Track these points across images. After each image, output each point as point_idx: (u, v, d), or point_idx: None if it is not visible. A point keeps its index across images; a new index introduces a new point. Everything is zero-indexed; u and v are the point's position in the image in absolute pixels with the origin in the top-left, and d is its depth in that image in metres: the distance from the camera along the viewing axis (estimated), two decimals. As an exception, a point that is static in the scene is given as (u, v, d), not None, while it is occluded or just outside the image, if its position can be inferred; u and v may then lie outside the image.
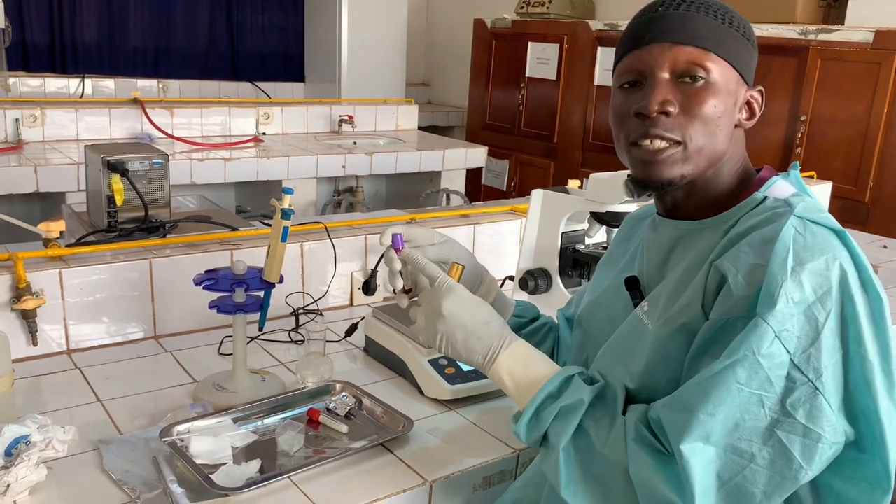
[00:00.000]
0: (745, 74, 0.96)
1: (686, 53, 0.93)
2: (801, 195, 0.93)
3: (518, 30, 4.55)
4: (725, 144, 0.96)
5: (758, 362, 0.81)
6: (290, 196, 1.31)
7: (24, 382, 1.38)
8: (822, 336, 0.82)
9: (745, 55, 0.96)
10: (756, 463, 0.81)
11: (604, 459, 0.89)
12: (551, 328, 1.26)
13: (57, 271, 1.50)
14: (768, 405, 0.81)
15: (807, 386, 0.81)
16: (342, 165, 3.55)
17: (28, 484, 1.04)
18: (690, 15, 0.94)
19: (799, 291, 0.81)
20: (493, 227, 2.07)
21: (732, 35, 0.95)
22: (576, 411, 0.92)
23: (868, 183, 3.11)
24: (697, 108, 0.92)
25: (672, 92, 0.93)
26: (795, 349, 0.81)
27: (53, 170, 2.90)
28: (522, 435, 0.95)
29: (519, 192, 4.51)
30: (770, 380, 0.81)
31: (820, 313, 0.82)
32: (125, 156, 1.74)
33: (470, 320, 1.00)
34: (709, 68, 0.93)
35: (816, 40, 3.21)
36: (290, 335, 1.65)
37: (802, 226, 0.86)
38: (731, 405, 0.81)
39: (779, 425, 0.81)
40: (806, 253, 0.83)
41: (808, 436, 0.81)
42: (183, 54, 4.89)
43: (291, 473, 1.12)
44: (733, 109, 0.95)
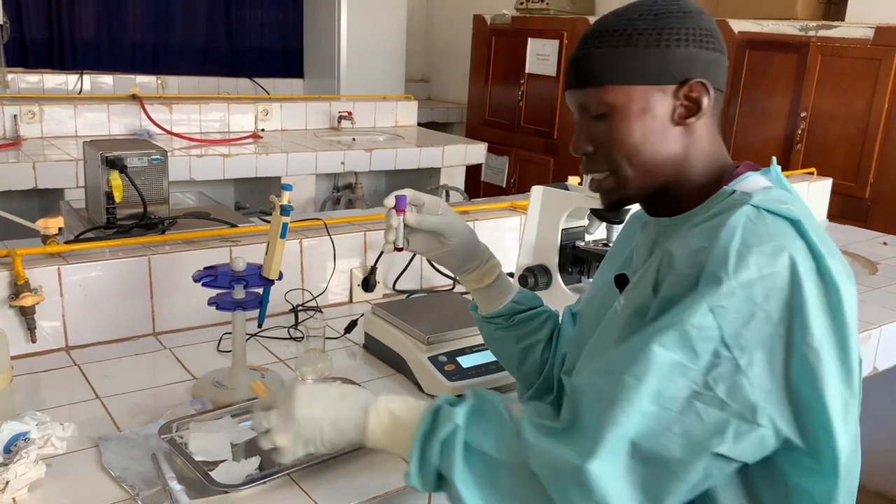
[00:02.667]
0: (662, 79, 0.94)
1: (584, 94, 0.98)
2: (771, 189, 0.92)
3: (518, 26, 4.54)
4: (669, 152, 0.96)
5: (685, 331, 0.82)
6: (290, 192, 1.31)
7: (22, 379, 1.38)
8: (757, 318, 0.82)
9: (657, 61, 0.94)
10: (672, 431, 0.82)
11: (503, 466, 0.89)
12: (549, 317, 1.25)
13: (56, 268, 1.50)
14: (691, 376, 0.82)
15: (731, 363, 0.82)
16: (341, 162, 3.55)
17: (27, 481, 1.04)
18: (586, 55, 0.97)
19: (741, 272, 0.82)
20: (493, 224, 2.07)
21: (631, 53, 0.94)
22: (455, 437, 0.92)
23: (868, 179, 3.11)
24: (611, 142, 0.97)
25: (588, 130, 0.99)
26: (728, 327, 0.82)
27: (52, 166, 2.90)
28: (418, 485, 0.95)
29: (518, 188, 4.51)
30: (696, 352, 0.82)
31: (759, 296, 0.82)
32: (124, 152, 1.74)
33: (328, 407, 1.00)
34: (608, 101, 0.96)
35: (817, 36, 3.20)
36: (290, 332, 1.65)
37: (756, 214, 0.86)
38: (657, 371, 0.83)
39: (698, 397, 0.82)
40: (753, 238, 0.84)
41: (725, 409, 0.82)
42: (182, 50, 4.88)
43: (291, 470, 1.11)
44: (659, 120, 0.95)
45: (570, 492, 0.83)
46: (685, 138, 0.97)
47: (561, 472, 0.84)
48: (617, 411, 0.83)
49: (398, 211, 1.13)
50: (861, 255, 2.37)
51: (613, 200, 1.01)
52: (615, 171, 0.98)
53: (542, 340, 1.24)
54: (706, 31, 0.95)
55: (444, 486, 0.93)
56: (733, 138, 3.55)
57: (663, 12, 0.95)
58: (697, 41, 0.94)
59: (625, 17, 0.96)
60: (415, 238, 1.16)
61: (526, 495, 0.87)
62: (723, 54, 0.97)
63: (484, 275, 1.21)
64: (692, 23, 0.94)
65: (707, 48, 0.95)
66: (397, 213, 1.13)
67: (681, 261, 0.86)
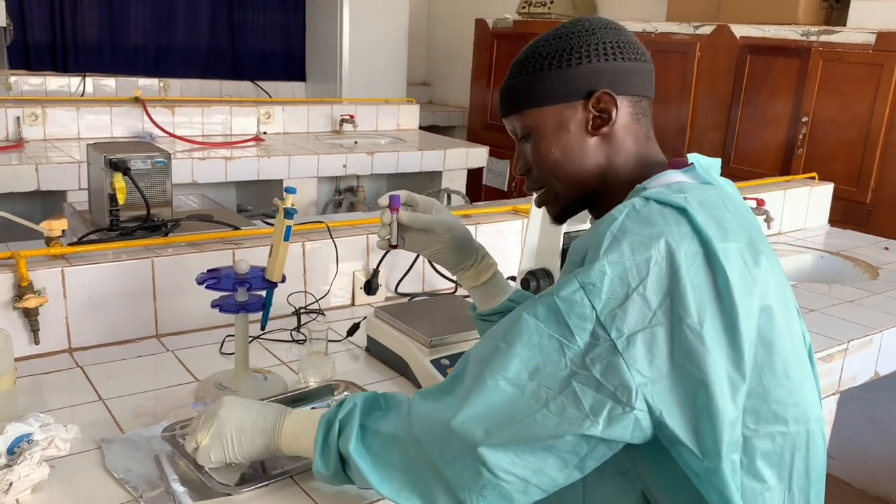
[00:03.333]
0: (569, 97, 1.01)
1: (510, 122, 1.08)
2: (679, 184, 0.95)
3: (520, 30, 4.55)
4: (591, 162, 1.02)
5: (556, 304, 0.86)
6: (293, 195, 1.31)
7: (26, 381, 1.38)
8: (632, 300, 0.84)
9: (561, 80, 1.00)
10: (549, 409, 0.85)
11: (395, 439, 0.94)
12: None
13: (59, 270, 1.50)
14: (569, 356, 0.85)
15: (608, 344, 0.84)
16: (343, 165, 3.55)
17: (30, 482, 1.04)
18: (505, 86, 1.06)
19: (612, 253, 0.85)
20: (495, 228, 2.07)
21: (538, 78, 1.01)
22: (352, 415, 0.98)
23: (869, 184, 3.11)
24: (537, 161, 1.05)
25: (521, 153, 1.07)
26: (602, 307, 0.84)
27: (54, 168, 2.90)
28: (321, 468, 1.00)
29: (520, 192, 4.51)
30: (570, 329, 0.85)
31: (634, 279, 0.84)
32: (127, 154, 1.74)
33: (247, 415, 1.07)
34: (525, 125, 1.04)
35: (818, 41, 3.21)
36: (292, 335, 1.65)
37: (642, 204, 0.89)
38: (529, 342, 0.86)
39: (576, 377, 0.85)
40: (633, 225, 0.87)
41: (600, 390, 0.84)
42: (184, 53, 4.89)
43: (293, 472, 1.12)
44: (574, 134, 1.01)
45: (443, 451, 0.88)
46: (605, 147, 1.02)
47: (435, 431, 0.89)
48: (485, 372, 0.88)
49: (392, 210, 1.17)
50: (862, 260, 2.38)
51: (554, 213, 1.09)
52: (547, 187, 1.06)
53: None
54: (612, 43, 1.00)
55: (347, 469, 0.98)
56: (734, 143, 3.55)
57: (565, 34, 1.02)
58: (602, 55, 1.00)
59: (533, 46, 1.04)
60: (409, 236, 1.21)
61: (413, 464, 0.92)
62: (638, 62, 1.02)
63: (480, 272, 1.24)
64: (595, 39, 1.00)
65: (614, 59, 1.00)
66: (391, 211, 1.18)
67: (572, 250, 0.91)
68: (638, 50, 1.03)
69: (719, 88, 3.56)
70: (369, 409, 1.00)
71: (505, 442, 0.85)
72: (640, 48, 1.04)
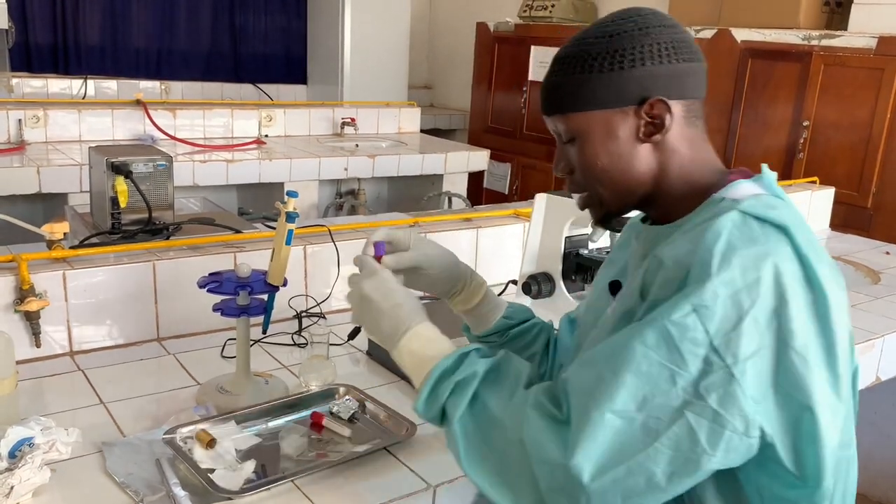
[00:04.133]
0: (620, 102, 0.95)
1: (552, 121, 1.01)
2: (761, 196, 0.91)
3: (521, 33, 4.56)
4: (642, 169, 0.97)
5: (667, 329, 0.81)
6: (295, 199, 1.31)
7: (27, 384, 1.38)
8: (745, 323, 0.80)
9: (612, 85, 0.94)
10: (661, 442, 0.80)
11: (501, 427, 0.89)
12: (542, 330, 1.26)
13: (61, 273, 1.50)
14: (681, 385, 0.80)
15: (723, 371, 0.80)
16: (344, 168, 3.55)
17: (32, 486, 1.04)
18: (549, 82, 0.99)
19: (726, 275, 0.81)
20: (496, 231, 2.07)
21: (586, 80, 0.95)
22: (470, 382, 0.93)
23: (871, 189, 3.11)
24: (582, 166, 0.99)
25: (564, 154, 1.02)
26: (716, 331, 0.80)
27: (56, 171, 2.90)
28: (421, 411, 0.96)
29: (521, 195, 4.51)
30: (683, 355, 0.80)
31: (745, 301, 0.81)
32: (129, 157, 1.74)
33: (384, 302, 1.03)
34: (569, 128, 0.98)
35: (819, 46, 3.21)
36: (294, 338, 1.65)
37: (741, 219, 0.86)
38: (637, 370, 0.81)
39: (689, 406, 0.80)
40: (739, 242, 0.83)
41: (717, 421, 0.80)
42: (185, 56, 4.89)
43: (294, 477, 1.12)
44: (623, 141, 0.96)
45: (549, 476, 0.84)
46: (656, 153, 0.97)
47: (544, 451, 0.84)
48: (591, 405, 0.82)
49: (377, 259, 1.12)
50: (863, 265, 2.38)
51: (599, 217, 1.04)
52: (592, 192, 1.01)
53: (538, 353, 1.24)
54: (666, 44, 0.94)
55: (444, 422, 0.95)
56: (735, 147, 3.55)
57: (617, 32, 0.95)
58: (655, 57, 0.94)
59: (581, 42, 0.97)
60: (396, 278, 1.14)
61: (512, 462, 0.88)
62: (692, 62, 0.96)
63: (471, 295, 1.22)
64: (649, 40, 0.94)
65: (668, 62, 0.94)
66: (377, 260, 1.12)
67: (668, 265, 0.86)
68: (692, 48, 0.97)
69: (720, 92, 3.56)
70: (489, 376, 0.94)
71: (615, 481, 0.81)
72: (694, 46, 0.97)
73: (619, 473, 0.81)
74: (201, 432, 1.16)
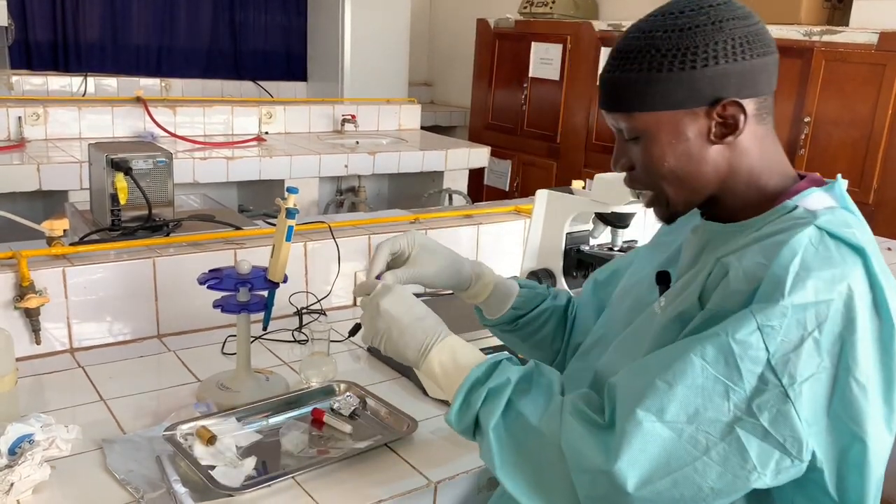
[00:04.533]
0: (691, 103, 0.89)
1: (615, 118, 0.95)
2: (834, 209, 0.88)
3: (521, 30, 4.55)
4: (710, 169, 0.92)
5: (730, 346, 0.79)
6: (295, 195, 1.31)
7: (27, 381, 1.38)
8: (806, 344, 0.79)
9: (683, 85, 0.88)
10: (709, 456, 0.79)
11: (537, 435, 0.88)
12: (552, 313, 1.25)
13: (60, 270, 1.50)
14: (734, 400, 0.79)
15: (778, 390, 0.78)
16: (345, 165, 3.55)
17: (32, 483, 1.04)
18: (612, 77, 0.93)
19: (797, 295, 0.79)
20: (497, 228, 2.07)
21: (655, 78, 0.89)
22: (503, 390, 0.92)
23: (872, 185, 3.10)
24: (646, 166, 0.95)
25: (626, 151, 0.97)
26: (776, 350, 0.79)
27: (56, 168, 2.90)
28: (454, 422, 0.95)
29: (521, 192, 4.51)
30: (740, 372, 0.79)
31: (811, 322, 0.79)
32: (129, 154, 1.74)
33: (406, 317, 1.02)
34: (634, 127, 0.93)
35: (821, 41, 3.20)
36: (294, 335, 1.65)
37: (818, 237, 0.83)
38: (692, 384, 0.80)
39: (740, 423, 0.79)
40: (814, 262, 0.81)
41: (768, 440, 0.79)
42: (185, 53, 4.89)
43: (295, 473, 1.11)
44: (693, 142, 0.91)
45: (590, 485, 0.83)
46: (727, 153, 0.92)
47: (585, 459, 0.83)
48: (640, 413, 0.80)
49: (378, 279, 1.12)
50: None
51: (665, 216, 0.99)
52: (656, 192, 0.96)
53: (548, 336, 1.24)
54: (741, 39, 0.88)
55: (477, 434, 0.94)
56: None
57: (688, 26, 0.88)
58: (730, 55, 0.87)
59: (648, 35, 0.90)
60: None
61: (550, 472, 0.87)
62: (766, 56, 0.90)
63: (478, 293, 1.22)
64: (723, 35, 0.87)
65: (742, 59, 0.88)
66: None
67: (736, 275, 0.83)
68: (766, 41, 0.90)
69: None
70: (521, 384, 0.93)
71: (660, 492, 0.80)
72: (768, 37, 0.91)
73: (664, 485, 0.80)
74: (202, 429, 1.16)
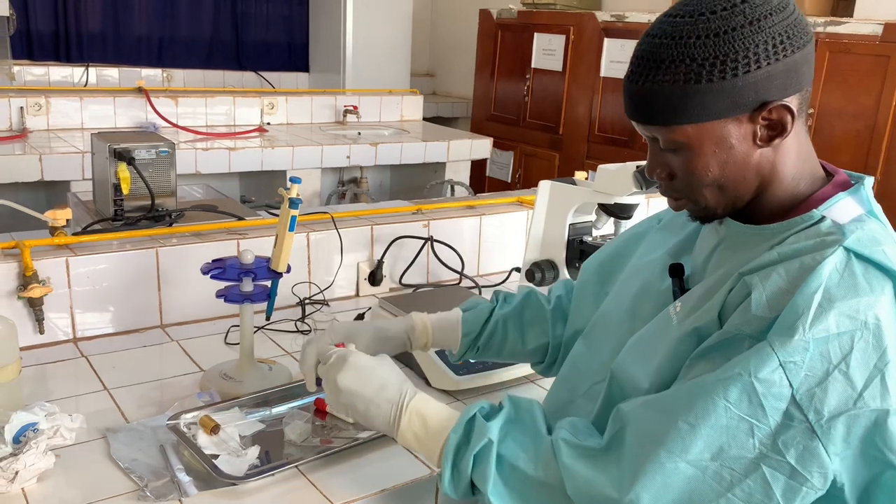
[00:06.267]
0: (734, 112, 0.84)
1: (652, 130, 0.90)
2: (863, 220, 0.85)
3: (524, 20, 4.53)
4: (754, 173, 0.88)
5: (753, 386, 0.77)
6: (298, 185, 1.31)
7: (30, 370, 1.38)
8: (833, 378, 0.77)
9: (724, 94, 0.83)
10: (734, 493, 0.78)
11: (539, 485, 0.87)
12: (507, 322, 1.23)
13: (64, 259, 1.50)
14: (759, 437, 0.78)
15: (805, 426, 0.77)
16: (347, 156, 3.55)
17: (36, 471, 1.04)
18: (644, 89, 0.86)
19: (817, 326, 0.77)
20: (499, 219, 2.07)
21: (689, 91, 0.83)
22: (488, 452, 0.89)
23: (875, 176, 3.10)
24: (688, 176, 0.89)
25: (662, 160, 0.92)
26: (799, 385, 0.77)
27: (58, 158, 2.90)
28: (451, 493, 0.93)
29: (524, 183, 4.50)
30: (764, 409, 0.77)
31: (835, 354, 0.77)
32: (132, 144, 1.74)
33: (366, 389, 0.99)
34: (672, 139, 0.87)
35: (825, 32, 3.19)
36: (297, 325, 1.65)
37: (845, 261, 0.80)
38: (715, 423, 0.78)
39: (766, 460, 0.78)
40: (839, 291, 0.78)
41: (795, 477, 0.77)
42: (187, 44, 4.88)
43: (298, 463, 1.12)
44: (738, 149, 0.86)
45: None
46: (772, 156, 0.88)
47: (597, 501, 0.82)
48: (662, 454, 0.79)
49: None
50: (868, 253, 2.36)
51: (698, 218, 0.95)
52: (696, 200, 0.92)
53: (518, 342, 1.23)
54: (782, 35, 0.82)
55: (477, 494, 0.92)
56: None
57: (724, 30, 0.81)
58: (772, 55, 0.82)
59: (681, 42, 0.82)
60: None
61: None
62: (806, 46, 0.85)
63: (424, 341, 1.23)
64: (763, 36, 0.81)
65: (784, 56, 0.82)
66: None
67: (759, 300, 0.81)
68: (804, 29, 0.84)
69: (724, 80, 3.53)
70: (505, 433, 0.91)
71: None
72: (805, 23, 0.85)
73: None
74: (205, 418, 1.16)
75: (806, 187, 0.90)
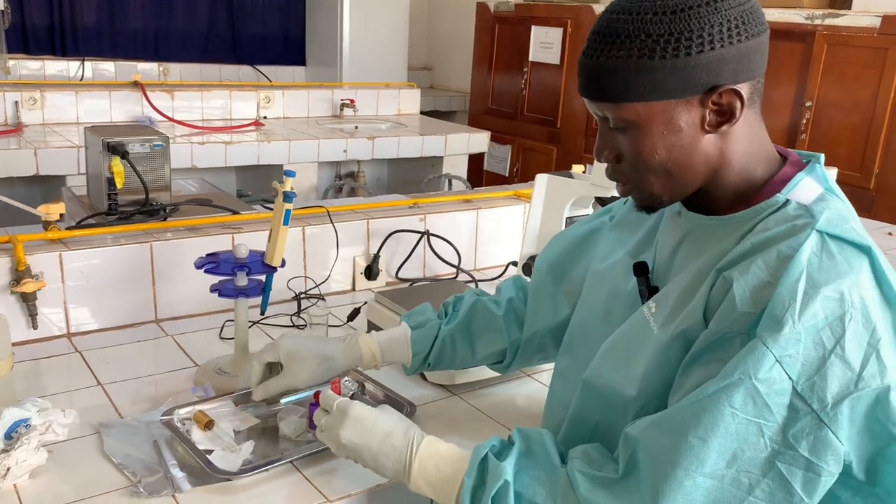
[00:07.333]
0: (684, 93, 0.84)
1: (601, 107, 0.89)
2: (825, 199, 0.86)
3: (521, 13, 4.52)
4: (701, 160, 0.88)
5: (755, 387, 0.77)
6: (293, 179, 1.30)
7: (24, 366, 1.38)
8: (830, 364, 0.77)
9: (676, 73, 0.83)
10: (755, 495, 0.78)
11: None
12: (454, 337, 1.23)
13: (57, 254, 1.49)
14: (768, 435, 0.77)
15: (811, 417, 0.77)
16: (344, 150, 3.54)
17: (28, 467, 1.04)
18: (597, 63, 0.86)
19: (808, 315, 0.77)
20: (497, 213, 2.06)
21: (646, 66, 0.83)
22: (506, 492, 0.87)
23: (873, 169, 3.09)
24: (635, 159, 0.89)
25: (610, 140, 0.91)
26: (799, 376, 0.77)
27: (53, 153, 2.88)
28: None
29: (521, 177, 4.49)
30: (769, 407, 0.77)
31: (828, 340, 0.77)
32: (125, 138, 1.73)
33: (371, 440, 0.98)
34: (621, 117, 0.87)
35: (823, 25, 3.18)
36: (292, 319, 1.64)
37: (821, 243, 0.81)
38: (725, 432, 0.78)
39: (780, 457, 0.77)
40: (821, 276, 0.78)
41: (811, 469, 0.77)
42: (183, 37, 4.86)
43: (293, 458, 1.11)
44: (686, 133, 0.86)
45: None
46: (720, 142, 0.88)
47: None
48: (679, 473, 0.78)
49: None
50: (866, 246, 2.36)
51: (643, 206, 0.95)
52: (642, 187, 0.91)
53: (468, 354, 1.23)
54: (737, 20, 0.82)
55: None
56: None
57: (682, 8, 0.82)
58: (726, 38, 0.82)
59: (637, 18, 0.83)
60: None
61: None
62: (760, 35, 0.85)
63: (371, 359, 1.22)
64: (719, 17, 0.82)
65: (738, 41, 0.83)
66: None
67: (742, 296, 0.80)
68: (759, 18, 0.85)
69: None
70: (520, 469, 0.89)
71: None
72: (760, 13, 0.86)
73: None
74: (199, 413, 1.16)
75: (763, 171, 0.90)
